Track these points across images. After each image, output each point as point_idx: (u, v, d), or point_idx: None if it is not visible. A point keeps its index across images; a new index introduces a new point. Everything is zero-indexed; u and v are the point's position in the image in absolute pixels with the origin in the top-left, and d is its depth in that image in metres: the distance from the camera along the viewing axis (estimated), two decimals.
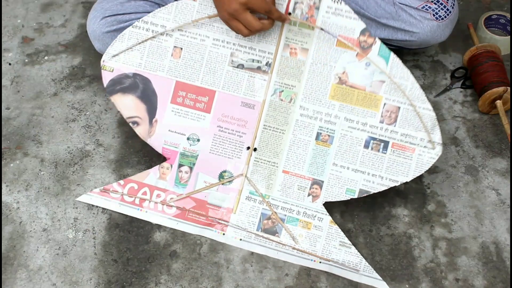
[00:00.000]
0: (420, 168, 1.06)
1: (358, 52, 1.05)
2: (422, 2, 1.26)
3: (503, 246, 1.12)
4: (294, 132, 1.10)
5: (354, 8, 1.29)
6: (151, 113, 1.16)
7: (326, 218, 1.10)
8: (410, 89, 1.04)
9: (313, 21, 1.05)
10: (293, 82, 1.09)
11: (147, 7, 1.33)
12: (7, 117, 1.35)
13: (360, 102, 1.06)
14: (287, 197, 1.11)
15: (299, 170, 1.10)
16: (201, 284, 1.08)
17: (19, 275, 1.10)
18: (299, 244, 1.09)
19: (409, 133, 1.05)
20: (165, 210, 1.14)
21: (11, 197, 1.21)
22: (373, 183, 1.08)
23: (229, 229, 1.12)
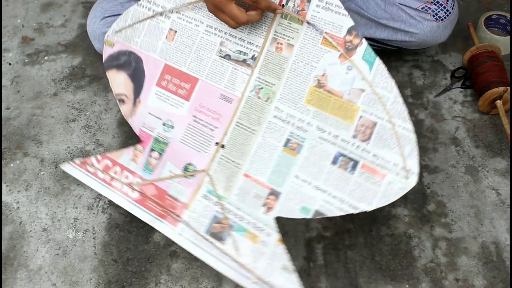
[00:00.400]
0: (387, 198, 0.92)
1: (342, 53, 0.96)
2: (422, 3, 1.26)
3: (503, 246, 1.12)
4: (264, 134, 1.02)
5: (354, 8, 1.29)
6: (136, 93, 1.14)
7: (275, 235, 0.99)
8: (392, 102, 0.92)
9: (304, 15, 0.98)
10: (273, 79, 1.02)
11: None
12: (7, 117, 1.35)
13: (336, 111, 0.96)
14: (242, 203, 1.02)
15: (260, 176, 1.01)
16: (201, 284, 1.08)
17: (19, 275, 1.10)
18: (241, 257, 0.99)
19: (382, 155, 0.92)
20: (129, 193, 1.09)
21: (11, 197, 1.21)
22: (331, 205, 0.95)
23: (179, 225, 1.05)
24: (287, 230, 1.15)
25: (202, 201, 1.05)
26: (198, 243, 1.02)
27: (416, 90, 1.37)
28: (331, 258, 1.11)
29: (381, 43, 1.33)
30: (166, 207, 1.06)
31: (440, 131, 1.29)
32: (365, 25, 1.31)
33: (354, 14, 1.30)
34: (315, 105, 0.98)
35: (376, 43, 1.34)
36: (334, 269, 1.10)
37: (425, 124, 1.31)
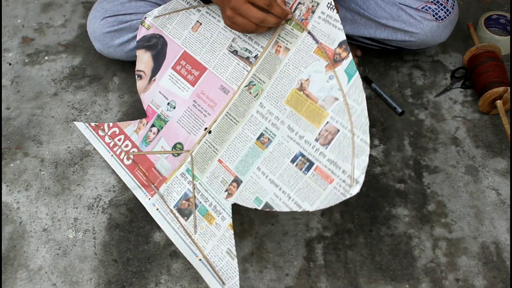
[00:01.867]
0: (327, 202, 0.95)
1: (329, 63, 1.01)
2: (422, 3, 1.26)
3: (503, 246, 1.12)
4: (244, 126, 1.09)
5: (354, 8, 1.29)
6: (154, 72, 1.24)
7: (228, 220, 1.05)
8: (358, 115, 0.95)
9: (306, 24, 1.05)
10: (265, 78, 1.09)
11: (148, 7, 1.33)
12: (7, 117, 1.35)
13: (307, 114, 1.02)
14: (210, 186, 1.10)
15: (229, 163, 1.09)
16: (201, 284, 1.08)
17: (19, 275, 1.10)
18: (196, 235, 1.08)
19: (335, 161, 0.96)
20: (124, 160, 1.22)
21: (11, 197, 1.21)
22: (279, 200, 1.00)
23: (155, 196, 1.15)
24: (287, 230, 1.15)
25: (179, 178, 1.14)
26: (165, 215, 1.12)
27: (416, 90, 1.37)
28: (331, 258, 1.11)
29: (381, 43, 1.33)
30: (150, 178, 1.18)
31: (440, 131, 1.29)
32: (365, 25, 1.31)
33: (354, 13, 1.30)
34: (292, 105, 1.04)
35: (376, 43, 1.34)
36: (334, 269, 1.10)
37: (425, 124, 1.31)
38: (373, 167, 1.24)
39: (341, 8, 1.31)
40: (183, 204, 1.12)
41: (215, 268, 1.03)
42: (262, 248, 1.13)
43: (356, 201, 1.19)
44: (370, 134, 1.29)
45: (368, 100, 1.35)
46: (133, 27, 1.32)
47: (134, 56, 1.37)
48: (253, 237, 1.14)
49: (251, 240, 1.14)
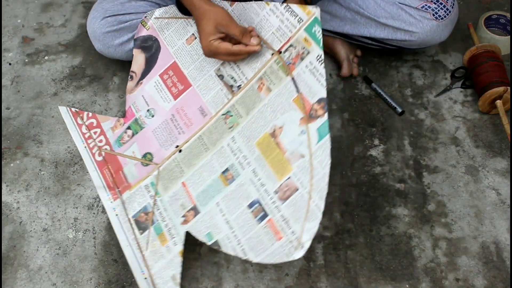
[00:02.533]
0: (272, 258, 0.95)
1: (304, 117, 0.99)
2: (422, 2, 1.26)
3: (503, 246, 1.12)
4: (213, 155, 1.09)
5: (354, 7, 1.29)
6: (143, 75, 1.26)
7: (180, 246, 1.05)
8: (319, 178, 0.94)
9: (292, 69, 1.04)
10: (243, 112, 1.08)
11: (148, 7, 1.33)
12: (7, 117, 1.35)
13: (273, 163, 1.01)
14: (170, 206, 1.09)
15: (192, 189, 1.08)
16: (201, 284, 1.08)
17: (19, 275, 1.10)
18: (147, 252, 1.08)
19: (288, 219, 0.95)
20: (96, 155, 1.23)
21: (11, 197, 1.21)
22: (229, 242, 1.00)
23: (117, 201, 1.16)
24: None
25: (143, 190, 1.14)
26: (123, 223, 1.13)
27: (416, 90, 1.37)
28: (331, 258, 1.11)
29: (381, 43, 1.33)
30: (116, 181, 1.18)
31: (440, 131, 1.29)
32: (365, 24, 1.30)
33: (354, 13, 1.30)
34: (261, 149, 1.03)
35: (376, 43, 1.34)
36: (334, 269, 1.10)
37: (425, 124, 1.31)
38: (373, 167, 1.24)
39: (341, 8, 1.31)
40: (142, 216, 1.12)
41: None
42: None
43: (356, 201, 1.19)
44: (371, 134, 1.29)
45: (368, 100, 1.35)
46: (133, 27, 1.32)
47: None
48: None
49: None
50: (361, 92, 1.37)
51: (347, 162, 1.25)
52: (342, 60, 1.37)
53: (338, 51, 1.38)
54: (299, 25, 1.04)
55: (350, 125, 1.31)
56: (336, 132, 1.30)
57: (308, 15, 1.03)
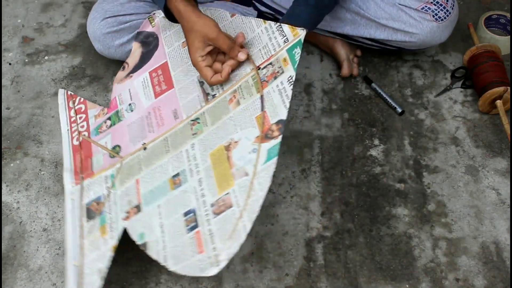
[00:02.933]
0: (188, 270, 0.93)
1: (259, 135, 0.98)
2: (422, 3, 1.26)
3: (503, 246, 1.12)
4: (170, 158, 1.08)
5: (354, 8, 1.29)
6: (134, 69, 1.26)
7: (115, 241, 1.03)
8: (255, 200, 0.92)
9: (264, 86, 1.03)
10: (209, 121, 1.08)
11: (148, 8, 1.33)
12: (7, 117, 1.35)
13: (219, 176, 0.99)
14: (119, 201, 1.09)
15: (142, 188, 1.08)
16: (201, 284, 1.08)
17: (19, 275, 1.10)
18: (87, 241, 1.06)
19: (214, 234, 0.93)
20: (74, 139, 1.24)
21: (11, 197, 1.21)
22: (156, 246, 0.98)
23: (77, 186, 1.16)
24: (287, 230, 1.15)
25: (102, 179, 1.14)
26: (75, 208, 1.12)
27: (416, 90, 1.37)
28: (331, 258, 1.11)
29: (381, 43, 1.34)
30: (83, 167, 1.18)
31: (440, 131, 1.29)
32: (365, 25, 1.31)
33: (354, 14, 1.30)
34: (212, 161, 1.02)
35: (376, 43, 1.34)
36: (334, 269, 1.10)
37: (425, 124, 1.31)
38: (373, 167, 1.24)
39: (341, 8, 1.31)
40: (93, 205, 1.11)
41: (83, 280, 1.02)
42: (262, 248, 1.13)
43: (356, 201, 1.19)
44: (371, 134, 1.29)
45: (368, 100, 1.35)
46: (133, 28, 1.32)
47: None
48: (253, 237, 1.14)
49: (251, 240, 1.14)
50: (361, 92, 1.37)
51: (347, 162, 1.25)
52: (342, 60, 1.37)
53: (338, 51, 1.38)
54: (284, 45, 1.04)
55: (350, 125, 1.31)
56: (336, 132, 1.30)
57: (294, 36, 1.04)
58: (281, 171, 1.23)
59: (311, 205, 1.18)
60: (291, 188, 1.21)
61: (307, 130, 1.30)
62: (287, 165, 1.24)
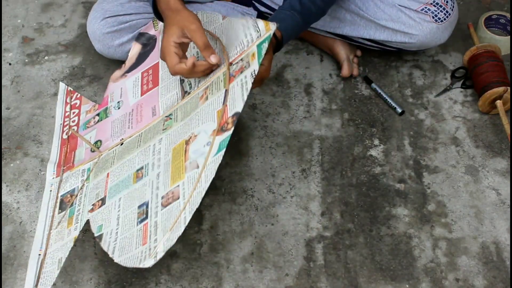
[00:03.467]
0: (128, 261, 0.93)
1: (215, 129, 0.97)
2: (422, 4, 1.26)
3: (503, 246, 1.12)
4: (139, 152, 1.09)
5: (353, 9, 1.29)
6: (130, 69, 1.27)
7: (76, 233, 1.03)
8: (198, 192, 0.91)
9: (231, 81, 1.01)
10: (180, 117, 1.07)
11: (147, 8, 1.33)
12: (7, 117, 1.35)
13: (174, 169, 0.99)
14: (89, 194, 1.09)
15: (110, 181, 1.08)
16: (201, 284, 1.08)
17: (19, 275, 1.10)
18: (54, 231, 1.07)
19: (158, 226, 0.93)
20: (64, 133, 1.27)
21: (11, 197, 1.21)
22: (109, 238, 0.98)
23: (57, 178, 1.18)
24: (287, 230, 1.15)
25: (79, 173, 1.15)
26: (50, 200, 1.14)
27: (416, 90, 1.37)
28: (331, 258, 1.11)
29: (381, 44, 1.34)
30: (66, 160, 1.21)
31: (440, 131, 1.29)
32: (365, 26, 1.31)
33: (353, 15, 1.30)
34: (173, 155, 1.02)
35: (376, 44, 1.34)
36: (334, 269, 1.10)
37: (425, 124, 1.31)
38: (373, 167, 1.24)
39: (340, 9, 1.31)
40: (67, 197, 1.12)
41: (42, 270, 1.02)
42: (262, 248, 1.13)
43: (356, 201, 1.19)
44: (371, 134, 1.29)
45: (368, 100, 1.35)
46: (133, 28, 1.32)
47: None
48: (253, 237, 1.14)
49: (251, 240, 1.14)
50: (361, 92, 1.37)
51: (347, 162, 1.25)
52: (342, 60, 1.37)
53: (338, 51, 1.38)
54: (256, 39, 1.02)
55: (350, 125, 1.31)
56: (336, 132, 1.30)
57: (266, 31, 1.00)
58: (281, 171, 1.23)
59: (311, 205, 1.18)
60: (291, 188, 1.21)
61: (307, 130, 1.30)
62: (287, 165, 1.24)
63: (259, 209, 1.18)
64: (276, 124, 1.31)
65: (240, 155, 1.26)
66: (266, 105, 1.34)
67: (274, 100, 1.35)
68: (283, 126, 1.31)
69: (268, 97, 1.36)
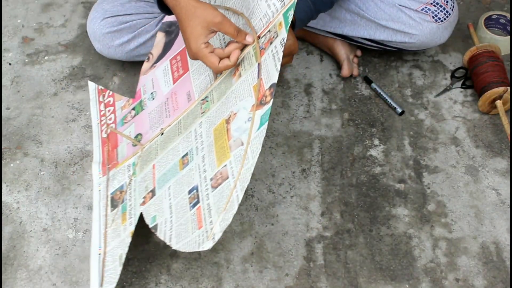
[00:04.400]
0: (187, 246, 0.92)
1: (254, 104, 0.94)
2: (422, 4, 1.26)
3: (503, 246, 1.12)
4: (182, 139, 1.07)
5: (354, 9, 1.29)
6: (158, 59, 1.26)
7: (132, 227, 1.04)
8: (247, 168, 0.89)
9: (262, 54, 0.98)
10: (216, 98, 1.05)
11: (148, 8, 1.33)
12: (7, 117, 1.35)
13: (218, 150, 0.97)
14: (138, 187, 1.09)
15: (157, 172, 1.07)
16: (201, 284, 1.08)
17: (19, 275, 1.10)
18: (109, 229, 1.07)
19: (211, 208, 0.92)
20: (103, 131, 1.26)
21: (11, 197, 1.21)
22: (165, 227, 0.98)
23: (104, 177, 1.17)
24: (287, 230, 1.15)
25: (125, 168, 1.15)
26: (101, 199, 1.14)
27: (416, 90, 1.37)
28: (331, 258, 1.11)
29: (381, 44, 1.34)
30: (110, 158, 1.20)
31: (440, 131, 1.29)
32: (365, 26, 1.31)
33: (354, 14, 1.30)
34: (215, 135, 1.00)
35: (376, 44, 1.34)
36: (334, 269, 1.10)
37: (425, 124, 1.31)
38: (373, 167, 1.24)
39: (340, 9, 1.31)
40: (117, 194, 1.12)
41: (104, 268, 1.03)
42: (262, 248, 1.13)
43: (356, 201, 1.19)
44: (371, 134, 1.29)
45: (368, 100, 1.35)
46: (133, 28, 1.32)
47: (134, 56, 1.37)
48: (253, 237, 1.14)
49: (251, 240, 1.14)
50: (361, 92, 1.37)
51: (347, 162, 1.25)
52: (342, 60, 1.37)
53: (338, 51, 1.38)
54: (281, 9, 0.98)
55: (350, 125, 1.31)
56: (336, 132, 1.30)
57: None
58: (281, 171, 1.23)
59: (311, 205, 1.18)
60: (291, 188, 1.21)
61: (307, 130, 1.30)
62: (287, 165, 1.24)
63: (259, 209, 1.18)
64: (276, 124, 1.31)
65: None
66: None
67: (274, 100, 1.35)
68: (283, 126, 1.31)
69: None
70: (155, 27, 1.33)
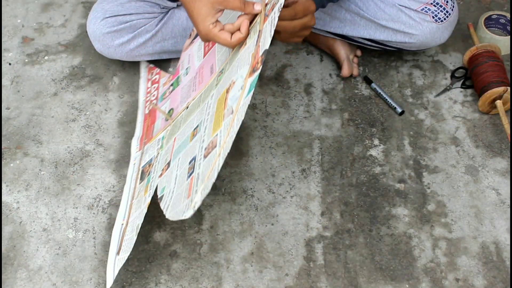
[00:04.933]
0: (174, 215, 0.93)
1: (249, 71, 0.92)
2: (422, 4, 1.26)
3: (503, 246, 1.12)
4: (198, 112, 1.06)
5: (353, 9, 1.29)
6: (196, 35, 1.25)
7: (149, 199, 1.04)
8: (231, 136, 0.88)
9: (265, 21, 0.96)
10: (226, 69, 1.03)
11: (148, 8, 1.33)
12: (7, 117, 1.35)
13: (215, 119, 0.96)
14: (161, 160, 1.09)
15: (176, 145, 1.07)
16: (201, 284, 1.08)
17: (19, 275, 1.10)
18: (135, 200, 1.09)
19: (199, 177, 0.91)
20: (146, 107, 1.29)
21: (11, 197, 1.21)
22: (168, 197, 0.98)
23: (139, 152, 1.20)
24: (287, 230, 1.15)
25: (156, 142, 1.17)
26: (133, 172, 1.18)
27: (416, 90, 1.37)
28: (331, 258, 1.11)
29: (381, 44, 1.34)
30: (147, 133, 1.22)
31: (440, 131, 1.29)
32: (365, 26, 1.31)
33: (354, 14, 1.30)
34: (217, 106, 0.99)
35: (376, 44, 1.34)
36: (334, 269, 1.10)
37: (425, 124, 1.31)
38: (373, 167, 1.24)
39: (340, 9, 1.31)
40: (146, 168, 1.13)
41: (124, 237, 1.04)
42: (262, 248, 1.13)
43: (356, 201, 1.19)
44: (370, 134, 1.29)
45: (368, 100, 1.35)
46: (133, 28, 1.32)
47: (134, 56, 1.37)
48: (253, 237, 1.14)
49: (251, 240, 1.14)
50: (361, 92, 1.37)
51: (347, 162, 1.25)
52: (342, 60, 1.37)
53: (338, 51, 1.38)
54: None
55: (350, 125, 1.31)
56: (336, 132, 1.30)
57: None
58: (281, 171, 1.23)
59: (311, 205, 1.18)
60: (291, 188, 1.21)
61: (307, 130, 1.30)
62: (287, 165, 1.24)
63: (259, 209, 1.18)
64: (276, 124, 1.31)
65: (240, 155, 1.26)
66: (266, 105, 1.34)
67: (274, 100, 1.35)
68: (283, 126, 1.31)
69: (268, 97, 1.36)
70: (155, 27, 1.33)
